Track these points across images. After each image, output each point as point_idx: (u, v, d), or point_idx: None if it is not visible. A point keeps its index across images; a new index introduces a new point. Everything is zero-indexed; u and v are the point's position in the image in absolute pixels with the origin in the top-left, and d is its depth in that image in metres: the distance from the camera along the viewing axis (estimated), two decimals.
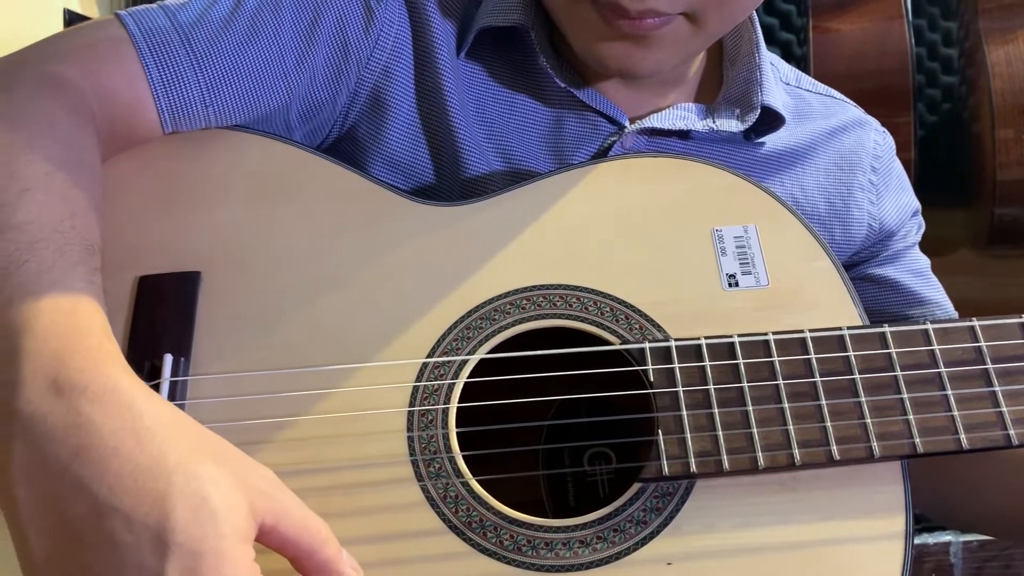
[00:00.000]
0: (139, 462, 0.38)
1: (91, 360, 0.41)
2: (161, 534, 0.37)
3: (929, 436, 0.52)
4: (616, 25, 0.58)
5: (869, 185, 0.73)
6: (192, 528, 0.37)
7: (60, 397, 0.39)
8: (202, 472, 0.39)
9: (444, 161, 0.66)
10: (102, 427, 0.39)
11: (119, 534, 0.37)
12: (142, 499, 0.37)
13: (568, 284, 0.58)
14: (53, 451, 0.38)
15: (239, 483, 0.40)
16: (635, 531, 0.51)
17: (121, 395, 0.40)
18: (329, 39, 0.62)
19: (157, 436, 0.39)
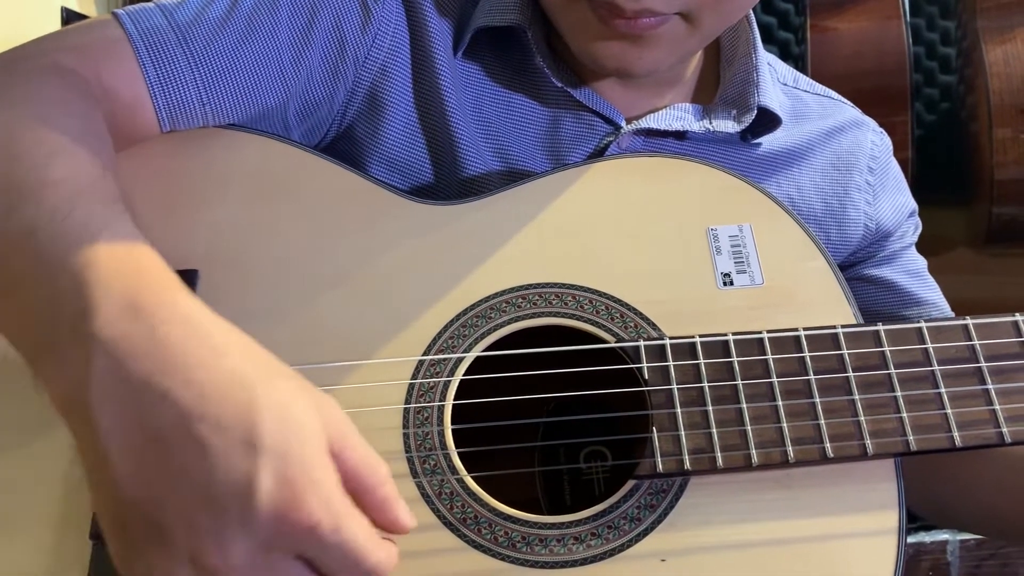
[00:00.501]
0: (220, 375, 0.39)
1: (159, 286, 0.43)
2: (250, 438, 0.38)
3: (922, 434, 0.52)
4: (612, 25, 0.59)
5: (866, 185, 0.74)
6: (279, 434, 0.38)
7: (137, 319, 0.40)
8: (281, 386, 0.40)
9: (442, 160, 0.66)
10: (181, 344, 0.40)
11: (209, 439, 0.38)
12: (228, 406, 0.38)
13: (563, 283, 0.58)
14: (135, 368, 0.39)
15: (312, 401, 0.41)
16: (629, 528, 0.51)
17: (193, 318, 0.42)
18: (326, 37, 0.62)
19: (232, 353, 0.41)
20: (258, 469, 0.37)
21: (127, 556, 0.39)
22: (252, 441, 0.38)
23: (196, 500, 0.37)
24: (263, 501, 0.37)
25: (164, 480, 0.38)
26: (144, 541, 0.38)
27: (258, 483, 0.37)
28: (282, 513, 0.37)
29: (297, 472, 0.38)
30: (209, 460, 0.37)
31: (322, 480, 0.39)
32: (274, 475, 0.37)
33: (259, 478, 0.37)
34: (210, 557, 0.38)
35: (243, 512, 0.37)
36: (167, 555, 0.38)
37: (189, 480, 0.38)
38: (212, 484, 0.37)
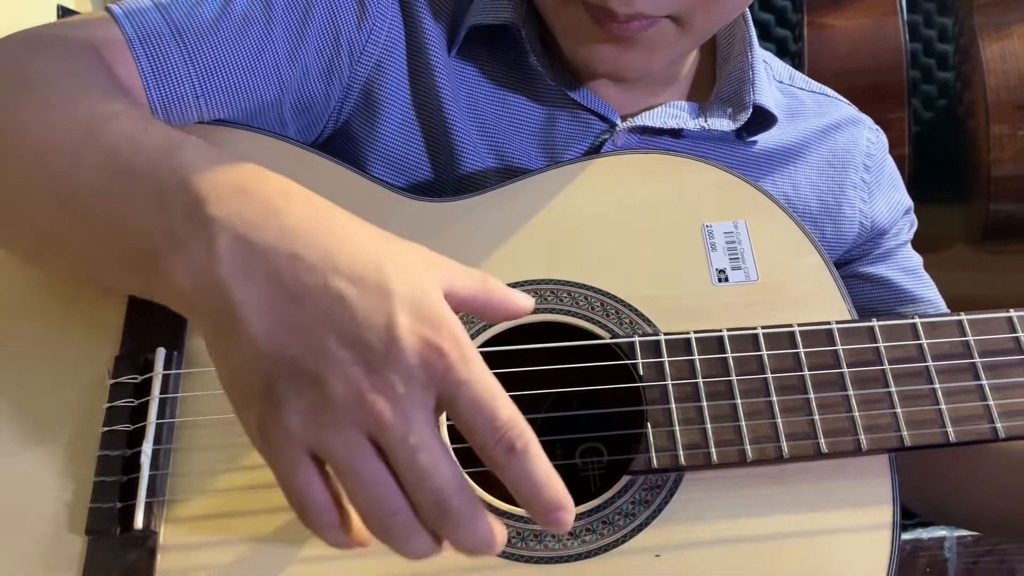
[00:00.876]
0: (338, 236, 0.42)
1: (259, 172, 0.45)
2: (382, 284, 0.40)
3: (916, 429, 0.52)
4: (606, 28, 0.59)
5: (861, 183, 0.74)
6: (405, 282, 0.41)
7: (249, 197, 0.43)
8: (390, 246, 0.43)
9: (438, 157, 0.66)
10: (296, 212, 0.43)
11: (345, 289, 0.40)
12: (354, 262, 0.41)
13: (559, 279, 0.58)
14: (259, 237, 0.41)
15: (418, 254, 0.44)
16: (624, 523, 0.51)
17: (299, 191, 0.45)
18: (321, 32, 0.62)
19: (341, 220, 0.44)
20: (396, 310, 0.40)
21: (277, 418, 0.40)
22: (384, 286, 0.40)
23: (344, 343, 0.39)
24: (404, 336, 0.39)
25: (310, 329, 0.40)
26: (294, 393, 0.39)
27: (398, 321, 0.39)
28: (422, 346, 0.39)
29: (428, 312, 0.40)
30: (350, 308, 0.40)
31: (449, 319, 0.41)
32: (409, 313, 0.40)
33: (398, 317, 0.39)
34: (365, 394, 0.39)
35: (388, 348, 0.39)
36: (316, 400, 0.39)
37: (334, 326, 0.40)
38: (358, 327, 0.39)
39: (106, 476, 0.51)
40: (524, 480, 0.40)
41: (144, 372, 0.54)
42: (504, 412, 0.40)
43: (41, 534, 0.51)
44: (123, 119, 0.48)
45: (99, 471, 0.52)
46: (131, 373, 0.54)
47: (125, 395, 0.54)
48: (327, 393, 0.39)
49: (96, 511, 0.51)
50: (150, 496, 0.51)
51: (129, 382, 0.54)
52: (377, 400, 0.39)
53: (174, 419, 0.54)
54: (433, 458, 0.39)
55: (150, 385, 0.54)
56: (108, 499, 0.51)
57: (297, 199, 0.44)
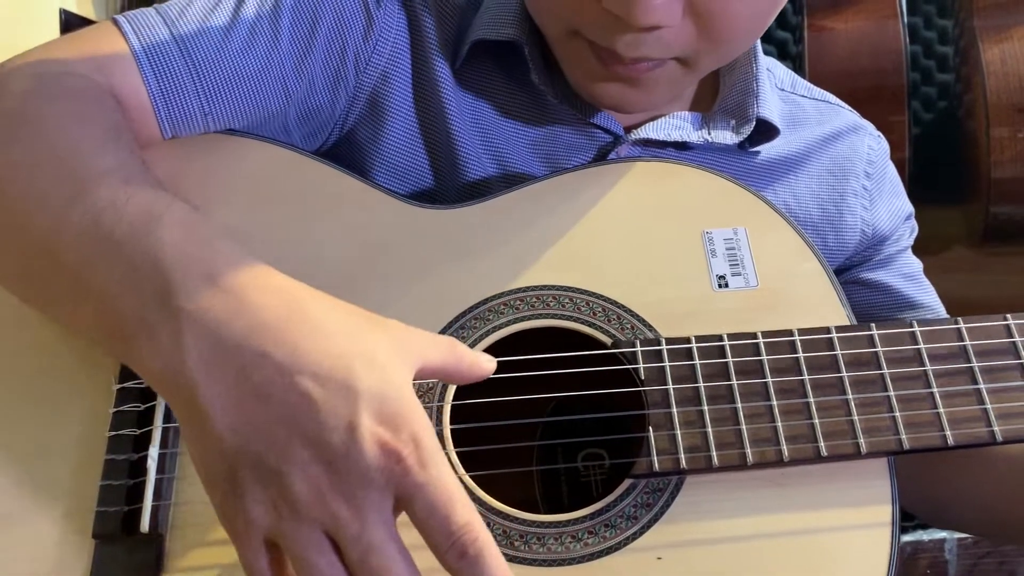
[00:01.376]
0: (309, 329, 0.42)
1: (233, 257, 0.45)
2: (348, 383, 0.41)
3: (915, 432, 0.53)
4: (611, 68, 0.59)
5: (863, 191, 0.74)
6: (371, 377, 0.41)
7: (219, 288, 0.43)
8: (360, 336, 0.43)
9: (441, 165, 0.67)
10: (264, 306, 0.43)
11: (310, 389, 0.41)
12: (323, 357, 0.41)
13: (561, 285, 0.58)
14: (227, 333, 0.42)
15: (388, 339, 0.44)
16: (626, 526, 0.52)
17: (268, 279, 0.45)
18: (327, 44, 0.63)
19: (313, 311, 0.44)
20: (359, 411, 0.40)
21: (238, 506, 0.41)
22: (350, 386, 0.41)
23: (306, 442, 0.40)
24: (365, 439, 0.40)
25: (274, 428, 0.41)
26: (255, 487, 0.41)
27: (360, 423, 0.40)
28: (381, 449, 0.40)
29: (394, 410, 0.41)
30: (314, 408, 0.40)
31: (412, 418, 0.41)
32: (373, 415, 0.41)
33: (360, 419, 0.40)
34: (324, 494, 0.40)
35: (349, 450, 0.40)
36: (276, 496, 0.40)
37: (298, 426, 0.40)
38: (321, 428, 0.40)
39: (113, 480, 0.52)
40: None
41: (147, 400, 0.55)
42: (460, 516, 0.41)
43: (48, 537, 0.51)
44: (111, 180, 0.48)
45: (105, 475, 0.52)
46: (137, 378, 0.55)
47: (131, 400, 0.54)
48: (288, 490, 0.40)
49: (103, 515, 0.51)
50: (156, 500, 0.51)
51: (135, 387, 0.54)
52: (335, 500, 0.40)
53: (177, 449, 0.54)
54: (384, 559, 0.40)
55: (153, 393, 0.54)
56: (115, 503, 0.51)
57: (268, 290, 0.44)
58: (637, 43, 0.56)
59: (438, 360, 0.46)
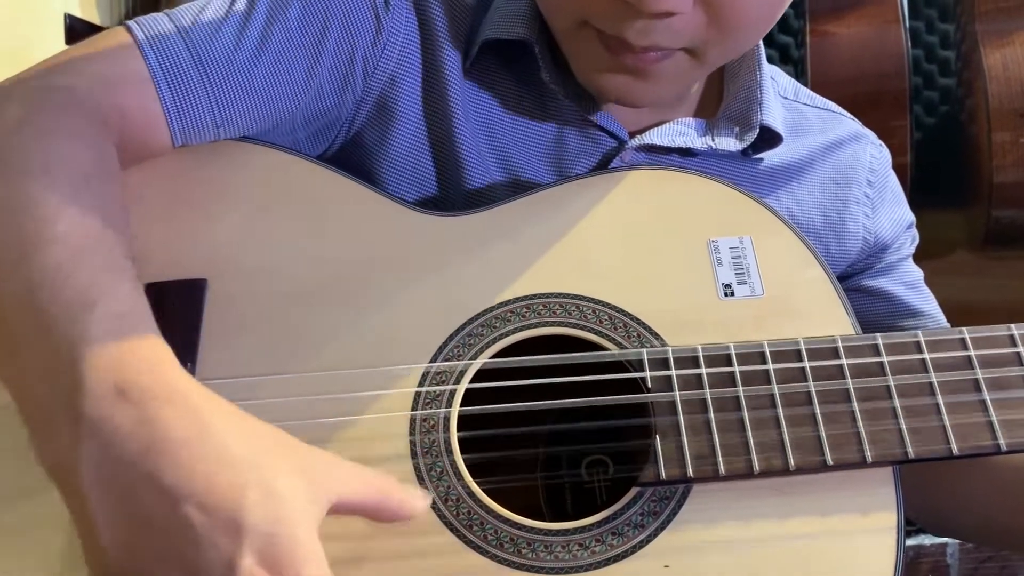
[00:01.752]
0: (207, 452, 0.40)
1: (150, 364, 0.43)
2: (235, 516, 0.38)
3: (920, 442, 0.53)
4: (620, 58, 0.59)
5: (865, 199, 0.74)
6: (264, 512, 0.39)
7: (125, 400, 0.41)
8: (265, 463, 0.41)
9: (447, 171, 0.67)
10: (168, 424, 0.41)
11: (194, 518, 0.38)
12: (213, 486, 0.39)
13: (567, 293, 0.59)
14: (123, 448, 0.40)
15: (298, 469, 0.41)
16: (633, 534, 0.52)
17: (182, 396, 0.42)
18: (336, 50, 0.63)
19: (219, 431, 0.41)
20: (242, 550, 0.38)
21: None
22: (237, 519, 0.38)
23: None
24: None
25: (150, 558, 0.39)
26: None
27: (240, 564, 0.38)
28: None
29: (281, 552, 0.38)
30: (195, 540, 0.38)
31: (307, 560, 0.39)
32: (257, 556, 0.38)
33: (242, 559, 0.38)
34: None
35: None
36: None
37: (175, 560, 0.38)
38: (198, 564, 0.38)
39: None
40: None
41: None
42: None
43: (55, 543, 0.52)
44: (57, 251, 0.46)
45: None
46: None
47: None
48: None
49: None
50: None
51: None
52: None
53: None
54: None
55: None
56: None
57: (177, 407, 0.42)
58: (647, 30, 0.56)
59: (357, 496, 0.43)
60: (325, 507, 0.42)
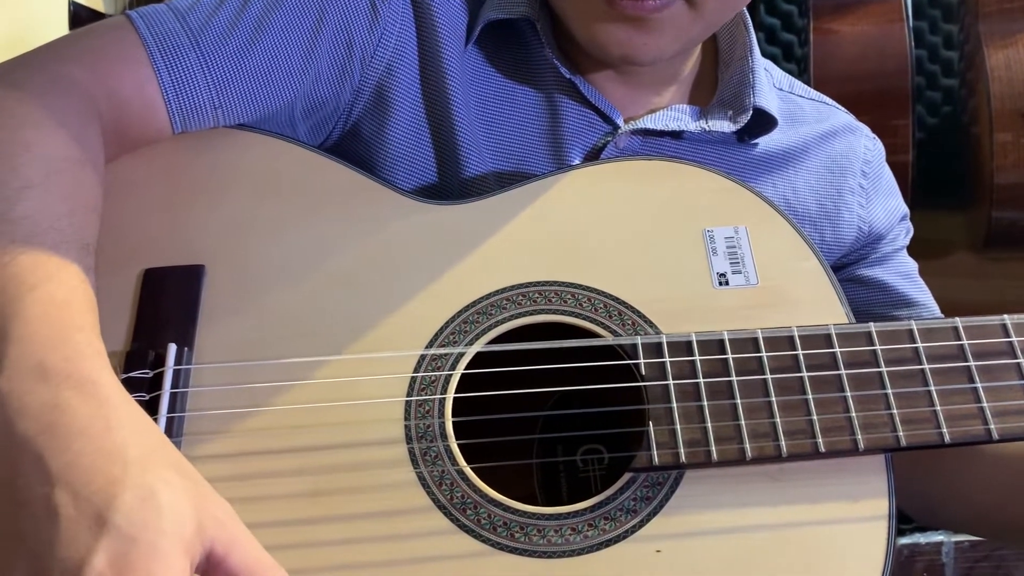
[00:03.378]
0: (101, 446, 0.39)
1: (78, 352, 0.43)
2: (103, 513, 0.37)
3: (912, 429, 0.53)
4: (618, 7, 0.60)
5: (859, 189, 0.75)
6: (134, 515, 0.37)
7: (42, 380, 0.41)
8: (158, 471, 0.39)
9: (445, 159, 0.67)
10: (76, 411, 0.40)
11: (63, 507, 0.37)
12: (94, 478, 0.38)
13: (563, 281, 0.59)
14: (23, 426, 0.39)
15: (192, 497, 0.40)
16: (625, 519, 0.52)
17: (101, 388, 0.42)
18: (333, 38, 0.63)
19: (124, 429, 0.41)
20: (97, 547, 0.36)
21: None
22: (103, 516, 0.37)
23: (31, 567, 0.37)
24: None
25: (12, 541, 0.38)
26: None
27: (91, 562, 0.36)
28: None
29: (139, 560, 0.36)
30: (57, 528, 0.37)
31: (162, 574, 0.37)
32: (111, 558, 0.36)
33: (94, 557, 0.36)
34: None
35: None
36: None
37: (34, 545, 0.37)
38: (47, 553, 0.37)
39: None
40: None
41: (155, 367, 0.55)
42: None
43: None
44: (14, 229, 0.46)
45: None
46: (142, 368, 0.55)
47: (137, 389, 0.55)
48: None
49: None
50: None
51: (141, 377, 0.55)
52: None
53: (185, 412, 0.55)
54: None
55: (161, 379, 0.55)
56: None
57: (88, 398, 0.41)
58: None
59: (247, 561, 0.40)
60: (200, 540, 0.39)
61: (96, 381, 0.42)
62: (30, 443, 0.39)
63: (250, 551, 0.41)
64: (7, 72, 0.56)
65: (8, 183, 0.48)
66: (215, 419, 0.54)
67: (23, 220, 0.47)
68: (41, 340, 0.42)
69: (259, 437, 0.54)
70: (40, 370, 0.41)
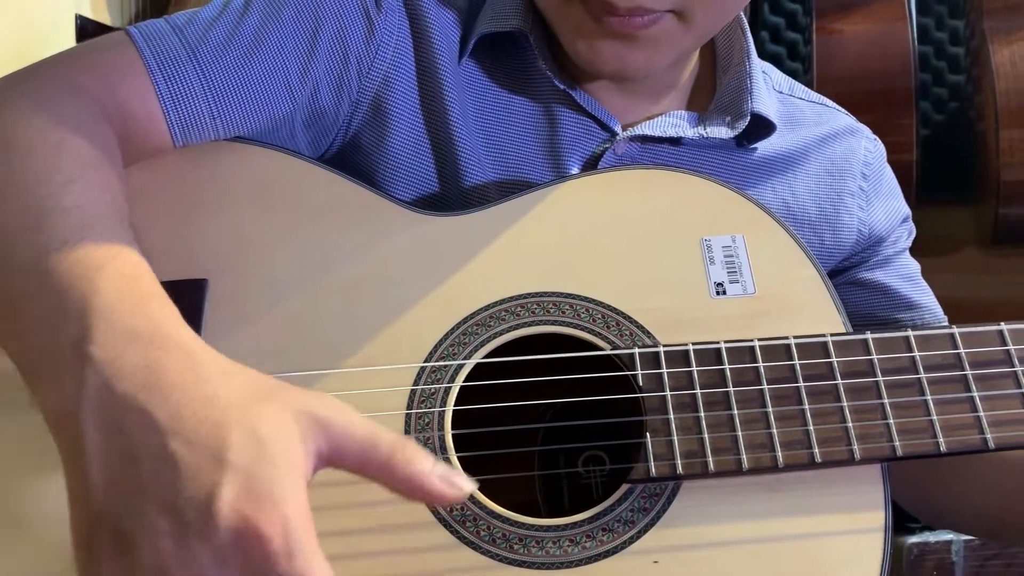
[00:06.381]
0: (197, 396, 0.42)
1: (158, 317, 0.46)
2: (218, 453, 0.39)
3: (908, 439, 0.53)
4: (606, 23, 0.60)
5: (859, 191, 0.75)
6: (247, 451, 0.40)
7: (132, 344, 0.43)
8: (253, 409, 0.42)
9: (445, 169, 0.68)
10: (167, 368, 0.43)
11: (179, 453, 0.39)
12: (200, 425, 0.40)
13: (561, 292, 0.59)
14: (123, 387, 0.42)
15: (288, 421, 0.42)
16: (623, 530, 0.53)
17: (184, 345, 0.45)
18: (330, 49, 0.64)
19: (213, 379, 0.43)
20: (222, 482, 0.39)
21: (92, 568, 0.40)
22: (220, 456, 0.39)
23: (162, 510, 0.39)
24: (223, 512, 0.38)
25: (135, 492, 0.40)
26: (109, 552, 0.40)
27: (220, 495, 0.38)
28: (240, 526, 0.38)
29: (261, 490, 0.39)
30: (177, 473, 0.39)
31: (285, 501, 0.39)
32: (237, 489, 0.38)
33: (222, 490, 0.38)
34: (170, 567, 0.39)
35: (204, 522, 0.38)
36: (129, 565, 0.39)
37: (156, 491, 0.39)
38: (178, 495, 0.39)
39: None
40: None
41: None
42: None
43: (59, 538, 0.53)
44: (67, 220, 0.49)
45: None
46: None
47: None
48: (137, 561, 0.39)
49: None
50: None
51: None
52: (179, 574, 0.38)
53: None
54: None
55: None
56: None
57: (174, 354, 0.43)
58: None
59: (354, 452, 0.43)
60: (308, 457, 0.42)
61: (179, 340, 0.45)
62: (132, 401, 0.41)
63: (354, 438, 0.43)
64: (18, 82, 0.57)
65: (51, 179, 0.51)
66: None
67: (74, 210, 0.49)
68: (123, 309, 0.45)
69: None
70: (129, 335, 0.44)
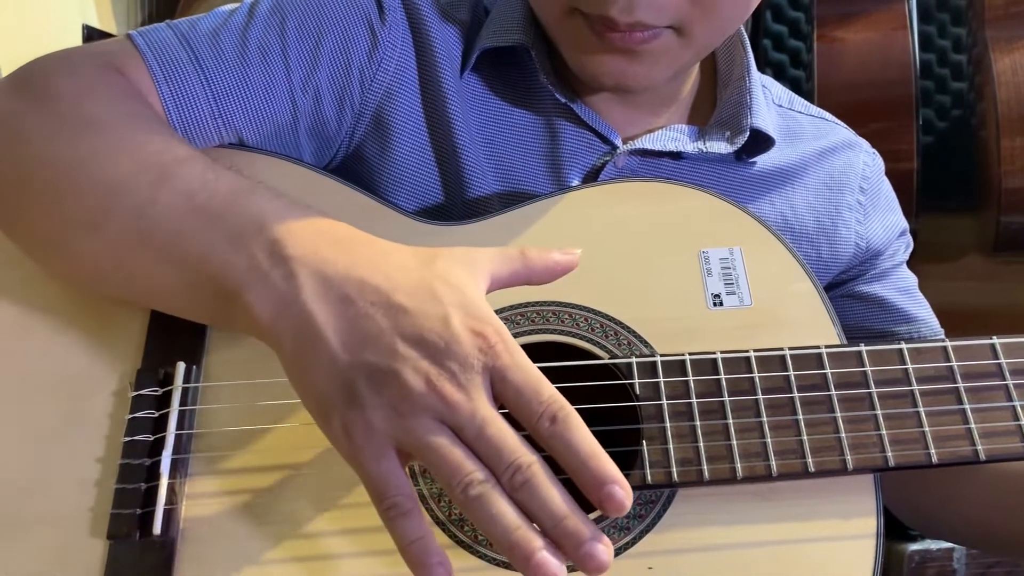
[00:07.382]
0: (392, 264, 0.49)
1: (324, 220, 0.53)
2: (434, 295, 0.47)
3: (900, 450, 0.54)
4: (607, 38, 0.61)
5: (857, 205, 0.75)
6: (450, 292, 0.48)
7: (320, 238, 0.50)
8: (434, 266, 0.50)
9: (449, 180, 0.69)
10: (360, 252, 0.50)
11: (405, 302, 0.47)
12: (409, 281, 0.48)
13: (560, 301, 0.60)
14: (332, 269, 0.49)
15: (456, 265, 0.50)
16: (618, 536, 0.54)
17: (358, 234, 0.52)
18: (331, 60, 0.65)
19: (393, 252, 0.51)
20: (449, 311, 0.47)
21: (359, 417, 0.46)
22: (436, 298, 0.47)
23: (411, 343, 0.46)
24: (459, 331, 0.46)
25: (380, 337, 0.46)
26: (369, 393, 0.46)
27: (452, 320, 0.46)
28: (473, 337, 0.46)
29: (476, 312, 0.47)
30: (411, 315, 0.47)
31: (492, 317, 0.48)
32: (461, 315, 0.47)
33: (452, 318, 0.46)
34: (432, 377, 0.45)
35: (448, 341, 0.46)
36: (394, 392, 0.45)
37: (401, 332, 0.46)
38: (420, 329, 0.46)
39: (127, 483, 0.54)
40: (569, 450, 0.45)
41: (164, 385, 0.57)
42: (546, 390, 0.46)
43: (64, 539, 0.54)
44: (193, 164, 0.54)
45: (120, 479, 0.54)
46: (152, 386, 0.57)
47: (146, 407, 0.56)
48: (402, 386, 0.45)
49: (117, 516, 0.53)
50: (169, 503, 0.54)
51: (150, 394, 0.57)
52: (444, 385, 0.45)
53: (193, 430, 0.56)
54: (497, 430, 0.45)
55: (170, 397, 0.56)
56: (129, 505, 0.54)
57: (358, 240, 0.51)
58: (631, 7, 0.58)
59: (507, 268, 0.52)
60: (485, 286, 0.50)
61: (351, 231, 0.52)
62: (349, 277, 0.48)
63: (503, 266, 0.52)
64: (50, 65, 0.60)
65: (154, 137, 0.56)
66: (223, 436, 0.56)
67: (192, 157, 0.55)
68: (294, 216, 0.51)
69: (266, 454, 0.56)
70: (315, 233, 0.51)
